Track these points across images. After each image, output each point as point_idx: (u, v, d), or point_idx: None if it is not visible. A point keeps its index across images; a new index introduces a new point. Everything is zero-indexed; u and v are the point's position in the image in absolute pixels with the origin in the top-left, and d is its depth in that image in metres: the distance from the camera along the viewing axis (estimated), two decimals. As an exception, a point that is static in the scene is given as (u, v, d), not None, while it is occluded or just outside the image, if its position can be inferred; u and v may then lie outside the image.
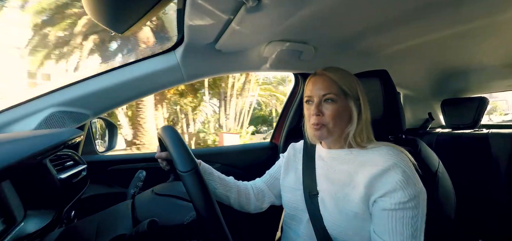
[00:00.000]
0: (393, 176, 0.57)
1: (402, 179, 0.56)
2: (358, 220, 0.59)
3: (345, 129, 0.66)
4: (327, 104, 0.65)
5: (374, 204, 0.58)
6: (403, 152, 0.62)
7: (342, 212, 0.60)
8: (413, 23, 0.86)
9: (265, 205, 0.81)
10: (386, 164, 0.58)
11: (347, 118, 0.66)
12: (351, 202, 0.60)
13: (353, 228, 0.59)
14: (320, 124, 0.65)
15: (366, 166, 0.61)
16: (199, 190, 0.48)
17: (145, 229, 0.45)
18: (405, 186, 0.55)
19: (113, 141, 1.02)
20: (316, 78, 0.67)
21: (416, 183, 0.57)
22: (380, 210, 0.57)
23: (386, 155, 0.60)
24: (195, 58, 0.85)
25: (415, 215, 0.55)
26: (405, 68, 1.35)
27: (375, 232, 0.58)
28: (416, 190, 0.56)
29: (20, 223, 0.50)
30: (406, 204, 0.55)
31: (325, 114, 0.65)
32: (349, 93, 0.65)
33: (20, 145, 0.44)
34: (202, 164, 0.76)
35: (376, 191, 0.57)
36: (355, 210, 0.59)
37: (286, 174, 0.79)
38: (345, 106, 0.65)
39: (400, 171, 0.57)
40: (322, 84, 0.65)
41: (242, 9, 0.62)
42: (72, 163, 0.72)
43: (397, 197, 0.55)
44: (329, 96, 0.64)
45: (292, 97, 1.31)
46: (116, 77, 0.79)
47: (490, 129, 1.48)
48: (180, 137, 0.54)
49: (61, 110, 0.72)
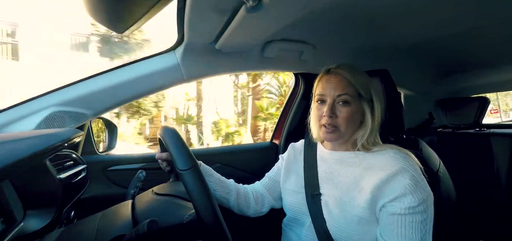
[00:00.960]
0: (401, 181, 0.55)
1: (411, 183, 0.55)
2: (363, 224, 0.58)
3: (356, 132, 0.64)
4: (341, 106, 0.62)
5: (382, 209, 0.57)
6: (409, 155, 0.60)
7: (347, 217, 0.59)
8: (414, 22, 0.85)
9: (265, 209, 0.80)
10: (394, 169, 0.57)
11: (359, 121, 0.64)
12: (356, 206, 0.58)
13: (357, 233, 0.58)
14: (333, 126, 0.62)
15: (373, 170, 0.59)
16: (199, 188, 0.47)
17: (145, 230, 0.45)
18: (414, 190, 0.54)
19: (113, 141, 1.01)
20: (330, 77, 0.64)
21: (424, 186, 0.56)
22: (389, 215, 0.55)
23: (393, 159, 0.59)
24: (195, 58, 0.85)
25: (424, 219, 0.54)
26: (406, 68, 1.34)
27: (382, 237, 0.56)
28: (425, 194, 0.55)
29: (20, 223, 0.51)
30: (415, 209, 0.54)
31: (339, 116, 0.62)
32: (364, 95, 0.62)
33: (20, 145, 0.44)
34: (202, 165, 0.76)
35: (384, 196, 0.56)
36: (361, 215, 0.58)
37: (286, 177, 0.77)
38: (359, 109, 0.63)
39: (409, 175, 0.56)
40: (337, 84, 0.62)
41: (242, 8, 0.62)
42: (72, 163, 0.72)
43: (407, 202, 0.54)
44: (344, 97, 0.61)
45: (292, 97, 1.31)
46: (116, 77, 0.79)
47: (491, 129, 1.47)
48: (180, 136, 0.54)
49: (61, 110, 0.72)
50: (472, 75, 1.56)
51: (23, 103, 0.71)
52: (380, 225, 0.58)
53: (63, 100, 0.73)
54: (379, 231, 0.58)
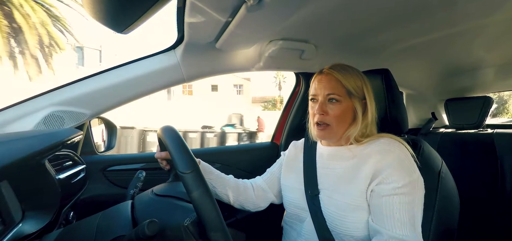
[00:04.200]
0: (387, 162, 0.58)
1: (396, 164, 0.57)
2: (358, 213, 0.60)
3: (348, 129, 0.66)
4: (331, 104, 0.65)
5: (371, 193, 0.59)
6: (400, 141, 0.63)
7: (343, 208, 0.61)
8: (416, 21, 0.85)
9: (265, 203, 0.82)
10: (380, 153, 0.60)
11: (351, 118, 0.66)
12: (351, 196, 0.61)
13: (352, 222, 0.60)
14: (324, 123, 0.66)
15: (364, 159, 0.62)
16: (200, 191, 0.47)
17: (145, 230, 0.44)
18: (399, 171, 0.57)
19: (112, 141, 1.01)
20: (322, 77, 0.67)
21: (411, 168, 0.58)
22: (377, 197, 0.58)
23: (381, 144, 0.62)
24: (195, 57, 0.84)
25: (411, 201, 0.56)
26: (408, 67, 1.34)
27: (373, 221, 0.58)
28: (411, 176, 0.57)
29: (18, 224, 0.50)
30: (401, 189, 0.55)
31: (329, 114, 0.65)
32: (354, 93, 0.65)
33: (18, 145, 0.44)
34: (202, 162, 0.76)
35: (373, 181, 0.59)
36: (355, 204, 0.60)
37: (287, 174, 0.79)
38: (350, 107, 0.65)
39: (393, 156, 0.58)
40: (327, 83, 0.66)
41: (243, 7, 0.62)
42: (71, 163, 0.72)
43: (392, 182, 0.56)
44: (333, 96, 0.65)
45: (293, 97, 1.30)
46: (115, 76, 0.78)
47: (495, 129, 1.46)
48: (180, 137, 0.53)
49: (60, 110, 0.72)
50: (476, 74, 1.54)
51: (21, 103, 0.71)
52: (370, 209, 0.59)
53: (62, 100, 0.73)
54: (370, 217, 0.59)
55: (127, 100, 0.81)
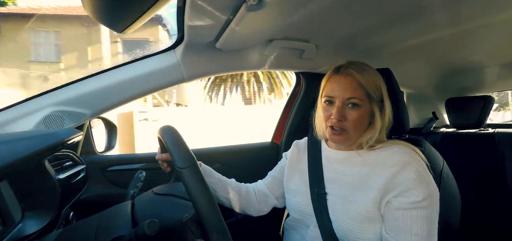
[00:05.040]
0: (406, 175, 0.55)
1: (416, 178, 0.54)
2: (368, 222, 0.57)
3: (364, 134, 0.63)
4: (351, 109, 0.60)
5: (387, 204, 0.56)
6: (415, 150, 0.60)
7: (352, 216, 0.59)
8: (416, 20, 0.84)
9: (268, 208, 0.79)
10: (398, 164, 0.56)
11: (367, 122, 0.62)
12: (362, 205, 0.58)
13: (361, 231, 0.58)
14: (341, 128, 0.61)
15: (378, 168, 0.59)
16: (197, 186, 0.47)
17: (145, 230, 0.44)
18: (419, 184, 0.54)
19: (113, 141, 1.01)
20: (340, 78, 0.61)
21: (429, 181, 0.56)
22: (394, 210, 0.55)
23: (398, 154, 0.58)
24: (195, 57, 0.84)
25: (430, 214, 0.54)
26: (409, 67, 1.33)
27: (387, 233, 0.56)
28: (430, 189, 0.55)
29: (18, 224, 0.50)
30: (420, 203, 0.53)
31: (348, 119, 0.60)
32: (374, 97, 0.61)
33: (18, 145, 0.44)
34: (202, 165, 0.75)
35: (389, 192, 0.56)
36: (366, 213, 0.57)
37: (290, 177, 0.76)
38: (367, 111, 0.61)
39: (413, 170, 0.55)
40: (347, 85, 0.60)
41: (243, 7, 0.61)
42: (71, 163, 0.71)
43: (412, 197, 0.53)
44: (354, 100, 0.59)
45: (294, 96, 1.30)
46: (115, 76, 0.78)
47: (496, 128, 1.45)
48: (179, 135, 0.53)
49: (59, 110, 0.72)
50: (477, 74, 1.54)
51: (21, 103, 0.71)
52: (385, 221, 0.57)
53: (61, 100, 0.73)
54: (384, 228, 0.57)
55: (127, 100, 0.81)
